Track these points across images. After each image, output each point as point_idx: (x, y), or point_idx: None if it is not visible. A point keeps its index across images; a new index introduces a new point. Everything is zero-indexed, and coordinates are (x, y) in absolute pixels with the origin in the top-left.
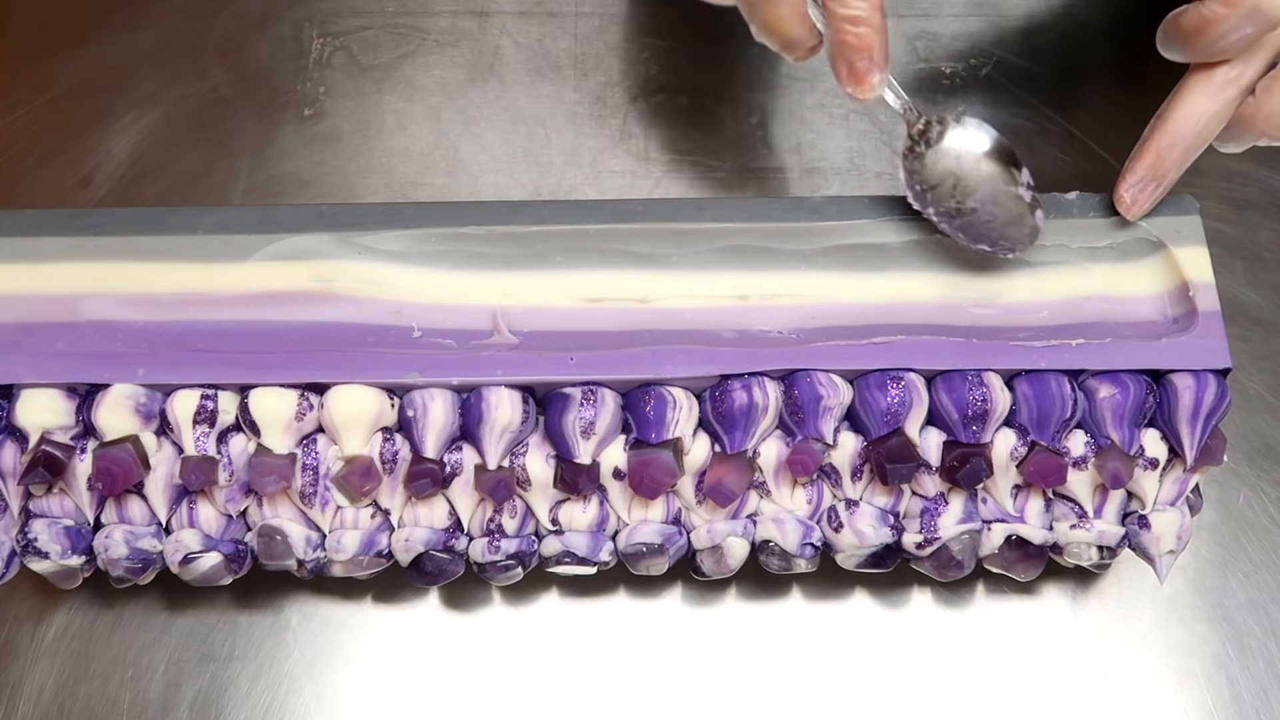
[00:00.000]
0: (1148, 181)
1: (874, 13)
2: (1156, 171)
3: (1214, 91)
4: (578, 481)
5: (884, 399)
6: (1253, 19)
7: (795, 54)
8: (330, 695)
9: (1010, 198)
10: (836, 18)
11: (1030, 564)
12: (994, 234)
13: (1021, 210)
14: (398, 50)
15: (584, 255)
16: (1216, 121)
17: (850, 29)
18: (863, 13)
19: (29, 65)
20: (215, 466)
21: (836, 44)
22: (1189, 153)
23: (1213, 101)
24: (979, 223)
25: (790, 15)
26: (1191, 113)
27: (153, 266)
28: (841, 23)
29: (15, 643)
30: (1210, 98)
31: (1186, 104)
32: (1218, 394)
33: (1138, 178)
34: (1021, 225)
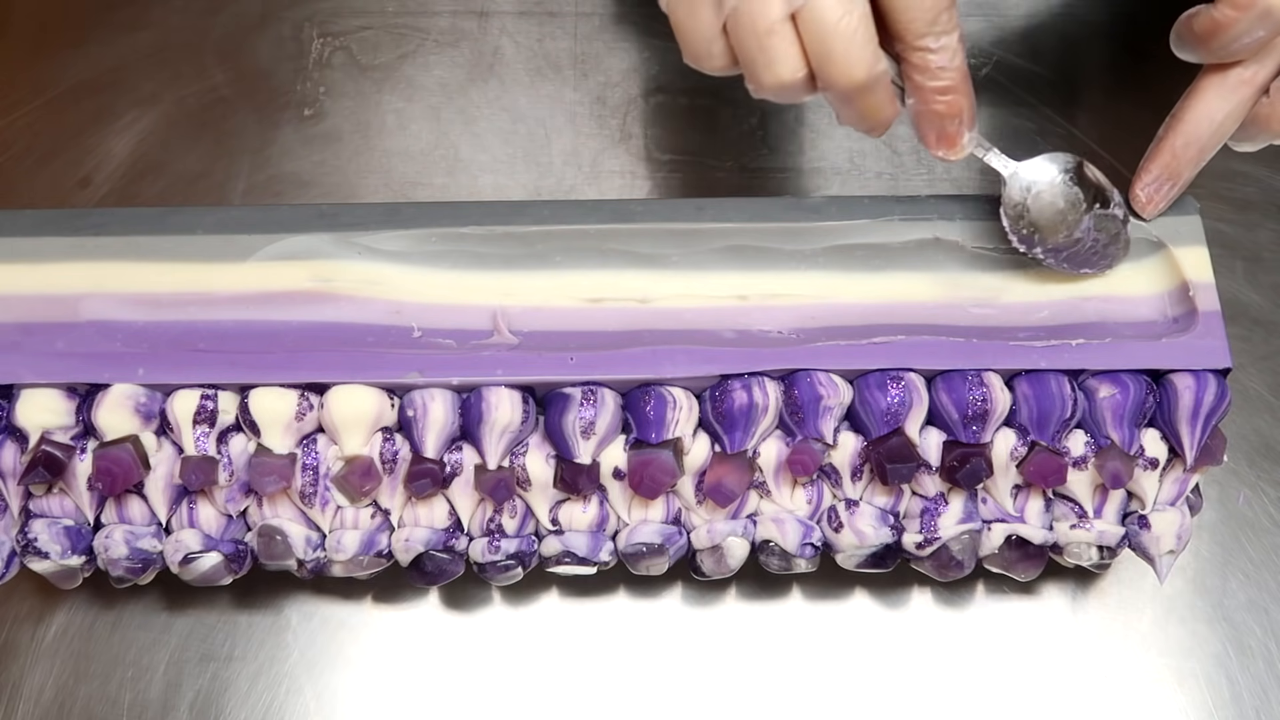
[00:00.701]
0: (1163, 181)
1: (963, 79)
2: (1171, 171)
3: (1228, 92)
4: (578, 481)
5: (884, 399)
6: (1264, 22)
7: (879, 132)
8: (330, 695)
9: (1108, 219)
10: (926, 90)
11: (1030, 564)
12: (1095, 256)
13: (1118, 228)
14: (398, 50)
15: (584, 255)
16: (1231, 121)
17: (940, 98)
18: (953, 81)
19: (29, 65)
20: (215, 466)
21: (926, 113)
22: (1204, 152)
23: (1227, 101)
24: (1084, 250)
25: (885, 100)
26: (1206, 113)
27: (153, 266)
28: (931, 94)
29: (15, 643)
30: (1224, 98)
31: (1201, 104)
32: (1218, 394)
33: (1153, 177)
34: (1117, 241)
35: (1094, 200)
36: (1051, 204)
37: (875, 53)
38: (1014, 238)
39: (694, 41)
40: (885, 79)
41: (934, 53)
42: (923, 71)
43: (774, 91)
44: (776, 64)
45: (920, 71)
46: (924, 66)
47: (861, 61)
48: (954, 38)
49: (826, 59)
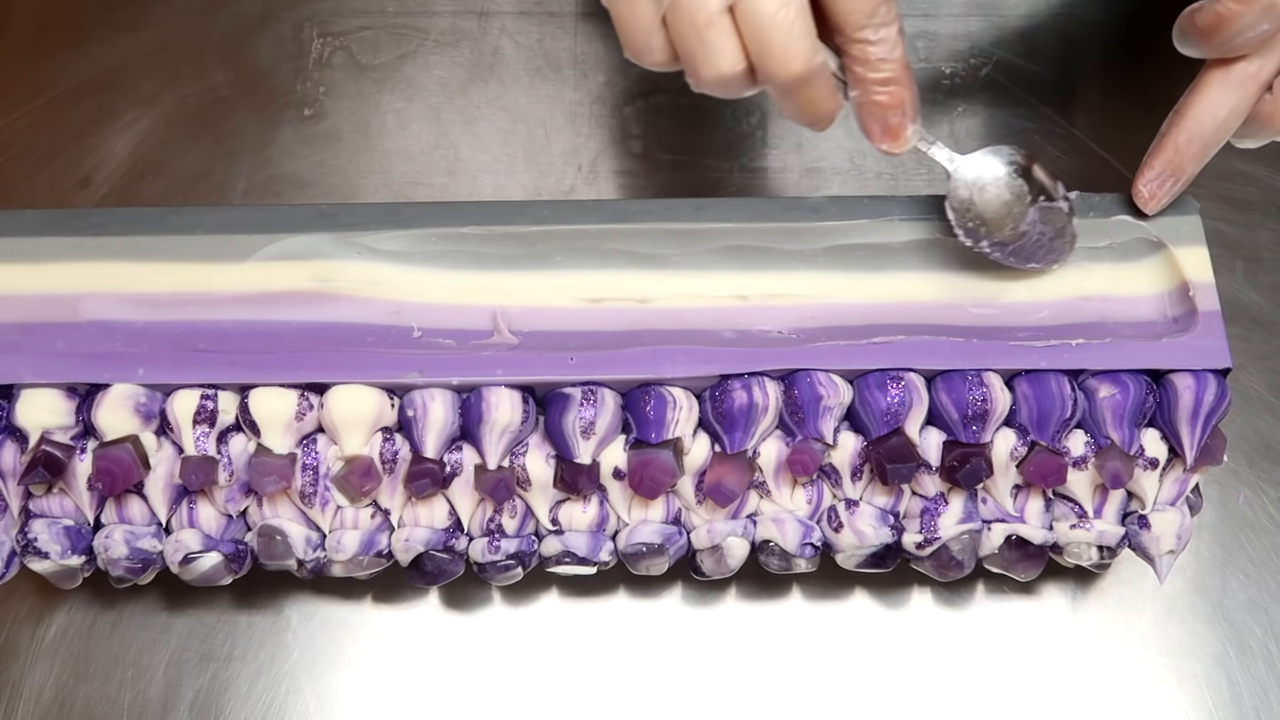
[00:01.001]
0: (1165, 177)
1: (904, 71)
2: (1174, 167)
3: (1232, 87)
4: (578, 481)
5: (884, 399)
6: (1269, 15)
7: (822, 126)
8: (330, 695)
9: (1054, 212)
10: (868, 82)
11: (1030, 564)
12: (1042, 250)
13: (1064, 222)
14: (398, 50)
15: (584, 255)
16: (1235, 117)
17: (882, 90)
18: (894, 73)
19: (29, 65)
20: (215, 466)
21: (868, 105)
22: (1207, 148)
23: (1230, 97)
24: (1030, 243)
25: (825, 93)
26: (1209, 109)
27: (153, 266)
28: (873, 86)
29: (15, 643)
30: (1228, 94)
31: (1204, 100)
32: (1218, 394)
33: (1155, 173)
34: (1063, 235)
35: (1039, 193)
36: (997, 197)
37: (813, 45)
38: (960, 231)
39: (634, 35)
40: (824, 72)
41: (874, 45)
42: (863, 64)
43: (714, 85)
44: (715, 57)
45: (861, 64)
46: (864, 59)
47: (799, 54)
48: (893, 29)
49: (764, 52)
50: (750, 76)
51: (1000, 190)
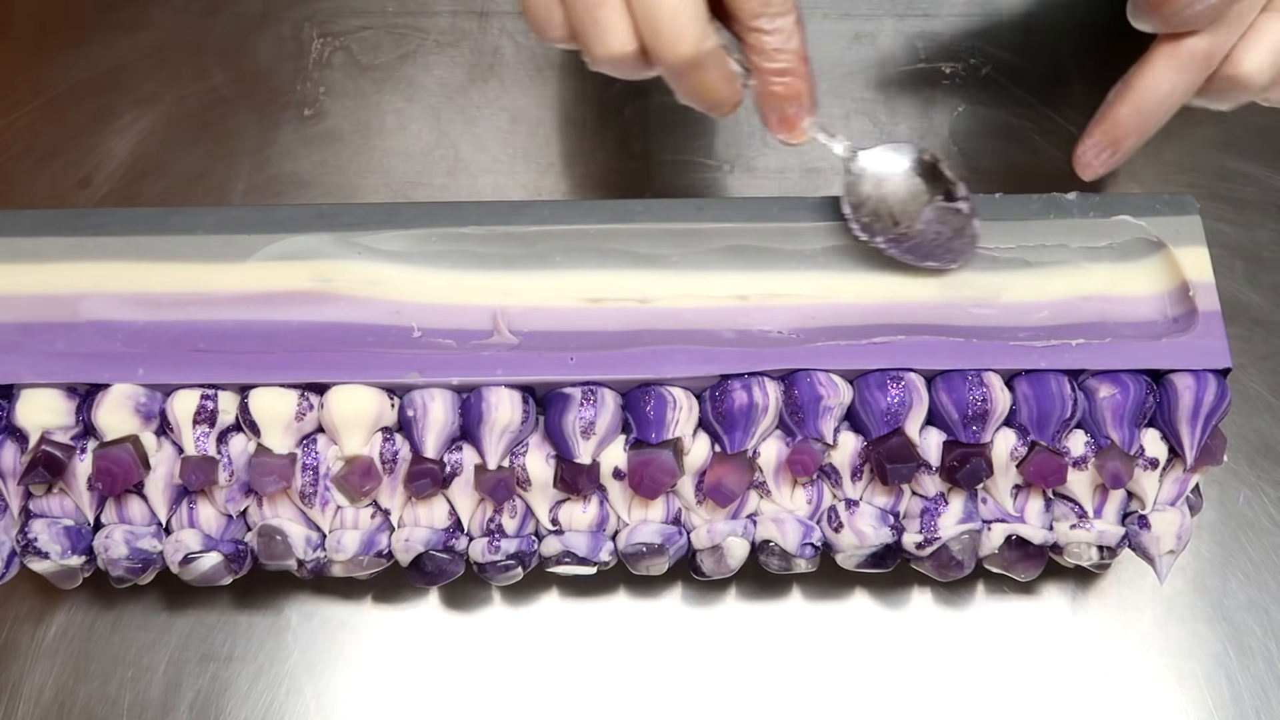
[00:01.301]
0: (1103, 146)
1: (800, 62)
2: (1113, 138)
3: (1180, 63)
4: (578, 481)
5: (884, 399)
6: None
7: (721, 111)
8: (330, 695)
9: (951, 212)
10: (764, 71)
11: (1030, 564)
12: (940, 250)
13: (962, 222)
14: (398, 50)
15: (584, 255)
16: (1180, 94)
17: (778, 80)
18: (790, 64)
19: (29, 65)
20: (215, 466)
21: (765, 95)
22: (1150, 122)
23: (1178, 73)
24: (926, 242)
25: (719, 78)
26: (1155, 83)
27: (153, 266)
28: (769, 75)
29: (15, 643)
30: (1175, 70)
31: (1151, 74)
32: (1218, 394)
33: (1094, 141)
34: (963, 236)
35: (937, 193)
36: (892, 194)
37: (704, 30)
38: (855, 225)
39: (534, 11)
40: (717, 57)
41: (768, 34)
42: (759, 53)
43: (608, 64)
44: (607, 36)
45: (757, 52)
46: (759, 48)
47: (688, 37)
48: (789, 20)
49: (654, 33)
50: (643, 58)
51: (895, 187)
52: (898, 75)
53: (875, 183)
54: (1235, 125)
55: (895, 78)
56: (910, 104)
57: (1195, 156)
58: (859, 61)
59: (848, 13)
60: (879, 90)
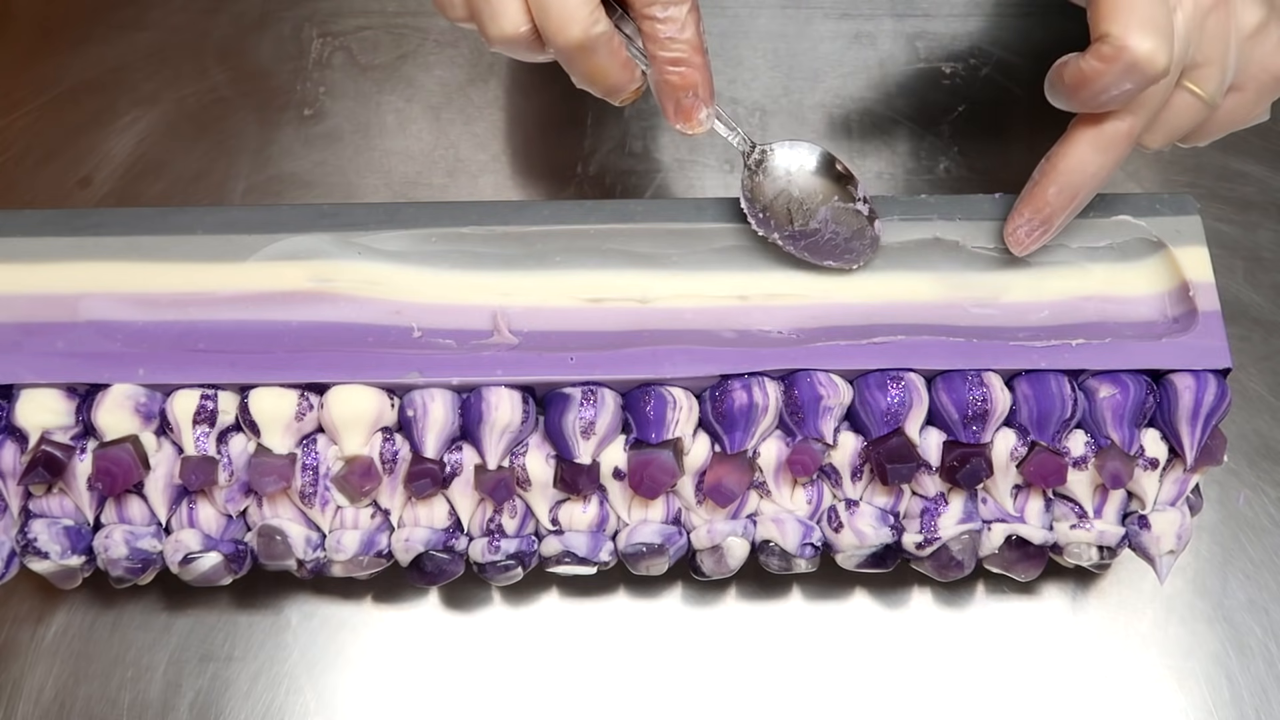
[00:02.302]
0: (1035, 225)
1: (695, 52)
2: (1044, 216)
3: (1101, 144)
4: (578, 481)
5: (884, 399)
6: (1130, 75)
7: (620, 98)
8: (330, 695)
9: (849, 213)
10: (659, 60)
11: (1030, 564)
12: (838, 250)
13: (861, 224)
14: (398, 50)
15: (584, 255)
16: (1104, 171)
17: (673, 69)
18: (684, 53)
19: (29, 65)
20: (215, 466)
21: (661, 84)
22: (1076, 200)
23: (1100, 153)
24: (823, 241)
25: (610, 64)
26: (1079, 162)
27: (153, 266)
28: (664, 64)
29: (15, 643)
30: (1098, 149)
31: (1074, 153)
32: (1218, 394)
33: (1024, 220)
34: (863, 237)
35: (835, 193)
36: (786, 190)
37: (593, 14)
38: (752, 220)
39: None
40: (608, 42)
41: (661, 22)
42: (654, 41)
43: (502, 45)
44: (500, 17)
45: (652, 41)
46: (654, 36)
47: (577, 21)
48: (683, 9)
49: (543, 15)
50: (537, 40)
51: (794, 184)
52: (898, 75)
53: (773, 178)
54: None
55: (895, 78)
56: (910, 104)
57: (1195, 156)
58: (859, 61)
59: (848, 13)
60: (879, 90)
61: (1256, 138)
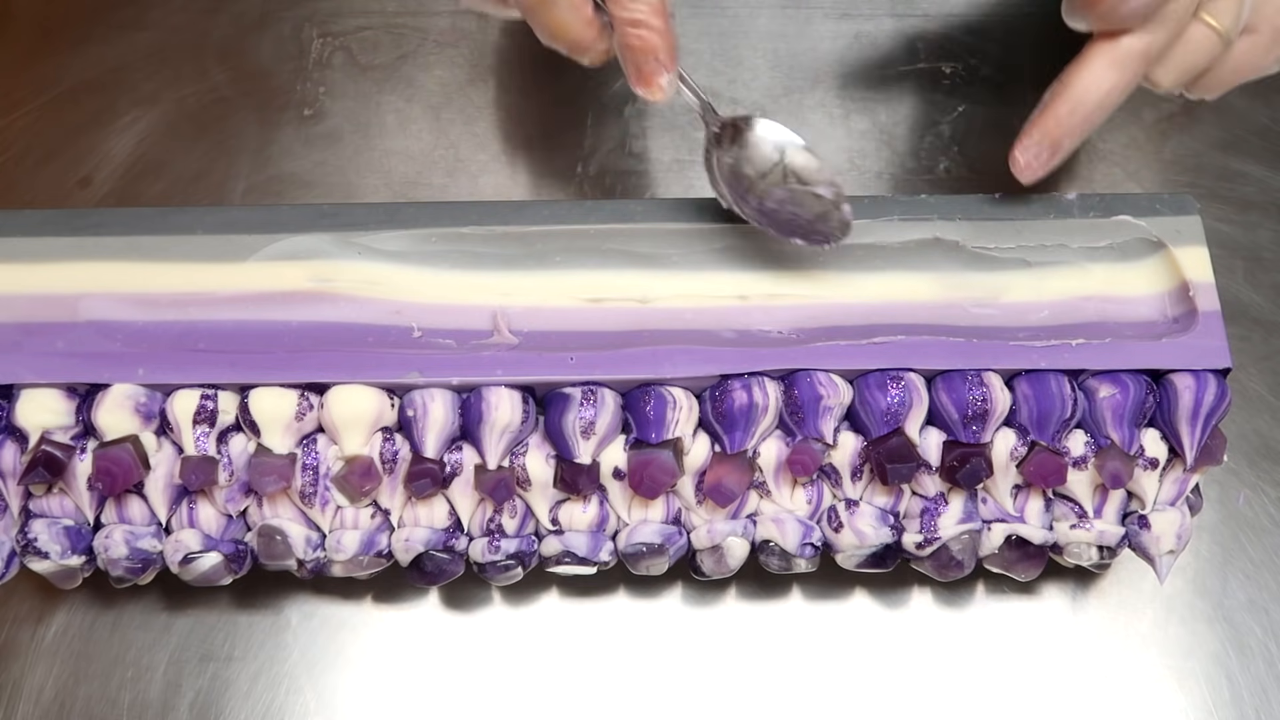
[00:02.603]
0: (1043, 147)
1: (654, 15)
2: (1053, 138)
3: (1117, 61)
4: (578, 481)
5: (884, 399)
6: None
7: (587, 58)
8: (330, 695)
9: (808, 196)
10: (619, 21)
11: (1030, 564)
12: (803, 229)
13: (825, 207)
14: (398, 50)
15: (584, 255)
16: (1118, 92)
17: (633, 31)
18: (643, 15)
19: (29, 65)
20: (215, 466)
21: (622, 47)
22: (1089, 121)
23: (1115, 71)
24: (784, 219)
25: (571, 19)
26: (1093, 81)
27: (153, 266)
28: (624, 26)
29: (15, 643)
30: (1112, 67)
31: (1088, 72)
32: (1218, 394)
33: (1033, 141)
34: (829, 220)
35: (794, 176)
36: (742, 166)
37: None
38: (715, 191)
39: None
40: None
41: None
42: (614, 2)
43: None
44: None
45: (612, 1)
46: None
47: None
48: None
49: None
50: None
51: (746, 161)
52: (898, 75)
53: (733, 151)
54: (1236, 125)
55: (895, 78)
56: (910, 104)
57: (1195, 156)
58: (859, 61)
59: (847, 12)
60: (879, 90)
61: (1256, 138)
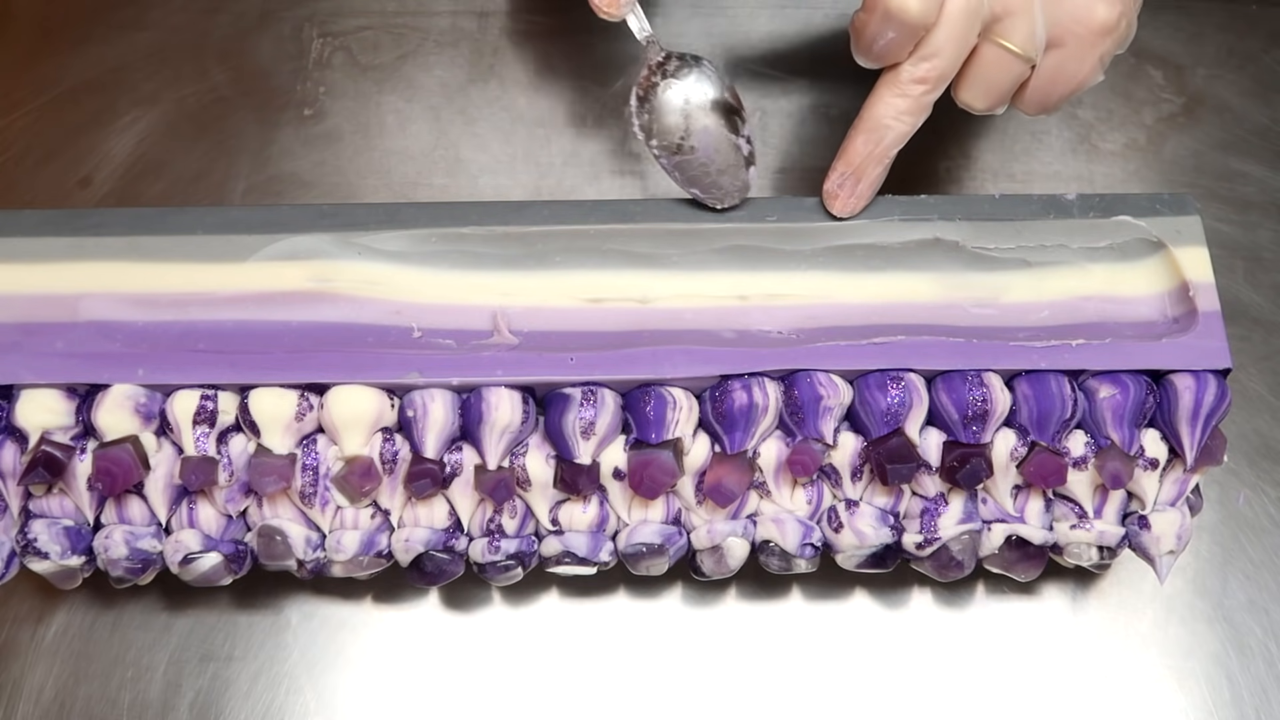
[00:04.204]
0: (848, 178)
1: None
2: (856, 168)
3: (900, 90)
4: (578, 481)
5: (884, 399)
6: (889, 23)
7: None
8: (330, 695)
9: (729, 145)
10: None
11: (1030, 564)
12: (707, 179)
13: (737, 161)
14: (398, 50)
15: (584, 255)
16: (909, 117)
17: None
18: None
19: (29, 65)
20: (215, 466)
21: None
22: (888, 149)
23: (901, 100)
24: (695, 164)
25: None
26: (884, 111)
27: (153, 266)
28: None
29: (15, 643)
30: (898, 97)
31: (878, 103)
32: (1218, 394)
33: (838, 174)
34: (735, 176)
35: (720, 121)
36: (669, 102)
37: None
38: (635, 124)
39: None
40: None
41: None
42: None
43: None
44: None
45: None
46: None
47: None
48: None
49: None
50: None
51: (676, 97)
52: None
53: (667, 87)
54: (1236, 125)
55: None
56: None
57: (1195, 156)
58: None
59: (846, 13)
60: None
61: (1256, 138)
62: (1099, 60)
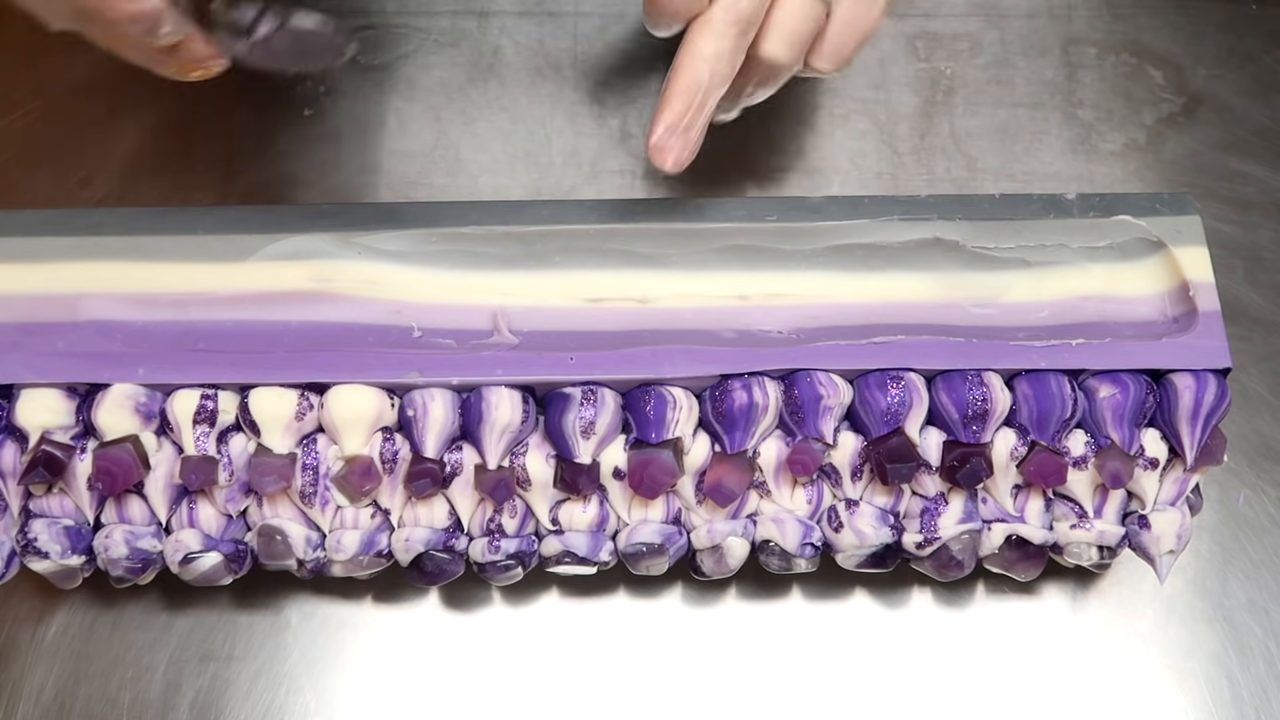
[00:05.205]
0: (673, 129)
1: None
2: (678, 117)
3: (717, 32)
4: (578, 481)
5: (884, 399)
6: None
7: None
8: (330, 695)
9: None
10: None
11: (1030, 564)
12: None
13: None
14: (398, 50)
15: (584, 255)
16: (725, 60)
17: None
18: None
19: (29, 65)
20: (215, 466)
21: None
22: (707, 95)
23: (715, 42)
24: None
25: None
26: (698, 54)
27: (153, 266)
28: None
29: (15, 643)
30: (710, 39)
31: (692, 48)
32: (1218, 394)
33: (664, 126)
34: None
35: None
36: None
37: None
38: None
39: None
40: None
41: None
42: None
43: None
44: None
45: None
46: None
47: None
48: None
49: None
50: None
51: None
52: (898, 75)
53: None
54: (1236, 125)
55: (895, 78)
56: (910, 104)
57: (1195, 156)
58: (859, 61)
59: None
60: (879, 90)
61: (1256, 138)
62: (886, 4)
